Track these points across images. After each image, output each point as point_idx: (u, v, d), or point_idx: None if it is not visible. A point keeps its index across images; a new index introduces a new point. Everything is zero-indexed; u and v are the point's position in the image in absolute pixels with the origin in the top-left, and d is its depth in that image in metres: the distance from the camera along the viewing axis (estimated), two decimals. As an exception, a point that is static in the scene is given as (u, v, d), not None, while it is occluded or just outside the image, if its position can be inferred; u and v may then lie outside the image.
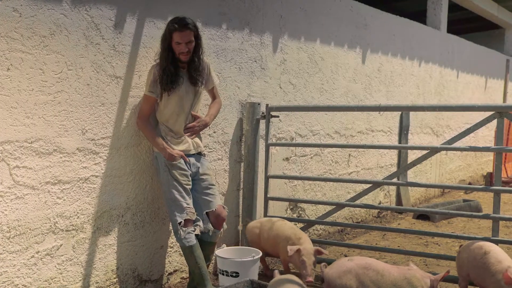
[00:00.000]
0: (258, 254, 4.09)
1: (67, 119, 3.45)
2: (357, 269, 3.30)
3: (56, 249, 3.47)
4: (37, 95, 3.27)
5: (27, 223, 3.29)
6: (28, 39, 3.20)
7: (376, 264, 3.35)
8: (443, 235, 4.59)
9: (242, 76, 4.82)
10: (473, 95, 9.90)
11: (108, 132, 3.72)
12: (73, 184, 3.53)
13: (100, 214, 3.72)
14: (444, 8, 8.49)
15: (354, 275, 3.28)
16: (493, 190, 4.08)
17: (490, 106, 4.14)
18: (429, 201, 8.35)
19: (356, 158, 6.50)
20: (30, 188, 3.29)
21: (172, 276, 4.32)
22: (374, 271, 3.27)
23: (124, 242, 3.91)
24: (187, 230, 3.79)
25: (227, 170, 4.75)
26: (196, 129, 3.97)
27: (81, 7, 3.47)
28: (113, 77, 3.72)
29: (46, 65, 3.30)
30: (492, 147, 4.26)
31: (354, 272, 3.29)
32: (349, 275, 3.29)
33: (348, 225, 5.44)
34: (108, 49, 3.66)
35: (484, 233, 5.93)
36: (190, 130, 3.94)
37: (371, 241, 5.76)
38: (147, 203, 4.05)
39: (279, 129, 5.26)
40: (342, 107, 5.47)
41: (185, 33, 3.69)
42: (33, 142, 3.27)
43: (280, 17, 5.20)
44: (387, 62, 7.01)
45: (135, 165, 3.93)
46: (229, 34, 4.64)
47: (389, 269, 3.32)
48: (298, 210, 5.61)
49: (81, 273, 3.64)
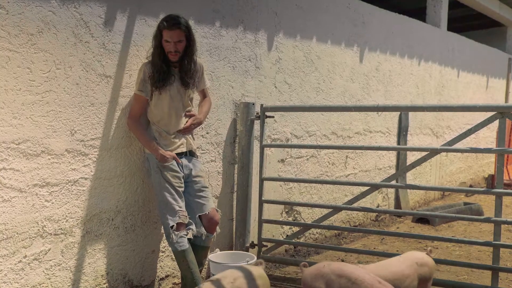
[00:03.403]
0: (253, 259, 4.11)
1: (56, 119, 3.47)
2: (330, 275, 3.35)
3: (44, 253, 3.48)
4: (24, 94, 3.28)
5: (14, 227, 3.30)
6: (15, 37, 3.21)
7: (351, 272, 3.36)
8: (443, 239, 4.61)
9: (236, 75, 4.84)
10: (474, 95, 9.96)
11: (97, 133, 3.74)
12: (61, 186, 3.54)
13: (90, 218, 3.74)
14: (444, 5, 8.54)
15: (325, 281, 3.34)
16: (495, 192, 4.11)
17: (491, 106, 4.17)
18: (428, 204, 8.40)
19: (354, 160, 6.54)
20: (18, 191, 3.30)
21: (164, 281, 4.34)
22: (346, 279, 3.31)
23: (114, 246, 3.93)
24: (179, 234, 3.81)
25: (220, 172, 4.77)
26: (191, 126, 4.01)
27: (70, 4, 3.49)
28: (103, 76, 3.74)
29: (34, 64, 3.32)
30: (493, 148, 4.29)
31: (327, 277, 3.34)
32: (320, 280, 3.35)
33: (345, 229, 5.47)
34: (98, 47, 3.68)
35: (486, 237, 5.98)
36: (186, 130, 3.97)
37: (369, 246, 5.79)
38: (138, 206, 4.07)
39: (274, 129, 5.29)
40: (339, 107, 5.50)
41: (174, 32, 3.72)
42: (20, 143, 3.29)
43: (275, 14, 5.23)
44: (385, 61, 7.05)
45: (125, 167, 3.95)
46: (223, 32, 4.66)
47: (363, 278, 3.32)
48: (293, 214, 5.64)
49: (70, 279, 3.65)
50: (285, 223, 5.43)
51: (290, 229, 5.55)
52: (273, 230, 5.36)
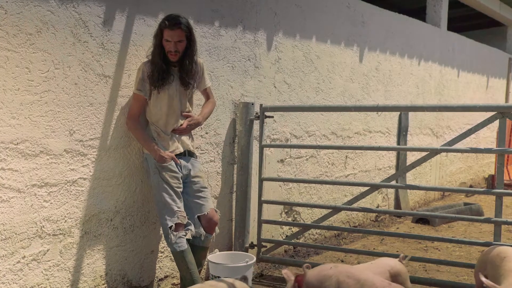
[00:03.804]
0: (252, 260, 4.12)
1: (54, 119, 3.47)
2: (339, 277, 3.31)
3: (42, 254, 3.48)
4: (23, 94, 3.29)
5: (13, 227, 3.31)
6: (14, 37, 3.22)
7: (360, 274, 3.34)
8: (443, 239, 4.62)
9: (235, 75, 4.85)
10: (474, 94, 9.97)
11: (96, 133, 3.74)
12: (60, 187, 3.55)
13: (89, 218, 3.74)
14: (444, 5, 8.55)
15: (334, 282, 3.30)
16: (495, 193, 4.12)
17: (492, 106, 4.18)
18: (428, 204, 8.41)
19: (353, 160, 6.54)
20: (16, 191, 3.31)
21: (163, 282, 4.35)
22: (355, 281, 3.28)
23: (113, 247, 3.93)
24: (178, 235, 3.81)
25: (219, 173, 4.78)
26: (187, 128, 4.00)
27: (69, 4, 3.49)
28: (102, 76, 3.74)
29: (33, 63, 3.32)
30: (494, 148, 4.30)
31: (335, 279, 3.30)
32: (328, 281, 3.31)
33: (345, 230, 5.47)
34: (97, 47, 3.69)
35: (486, 238, 5.98)
36: (181, 129, 3.96)
37: (369, 246, 5.80)
38: (137, 206, 4.07)
39: (274, 130, 5.30)
40: (338, 107, 5.51)
41: (175, 32, 3.72)
42: (19, 143, 3.29)
43: (275, 14, 5.23)
44: (385, 60, 7.06)
45: (124, 167, 3.95)
46: (222, 31, 4.67)
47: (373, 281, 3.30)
48: (293, 214, 5.64)
49: (69, 279, 3.66)
50: (285, 224, 5.43)
51: (289, 230, 5.56)
52: (273, 230, 5.37)
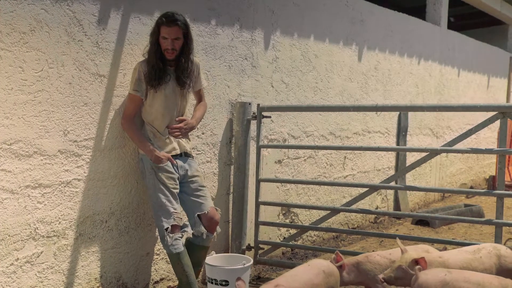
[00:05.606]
0: (249, 262, 4.13)
1: (48, 119, 3.48)
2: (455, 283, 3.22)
3: (36, 256, 3.49)
4: (16, 94, 3.29)
5: (6, 229, 3.31)
6: (7, 35, 3.22)
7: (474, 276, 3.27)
8: (443, 241, 4.61)
9: (232, 74, 4.86)
10: (475, 94, 10.00)
11: (91, 134, 3.75)
12: (54, 188, 3.55)
13: (83, 220, 3.75)
14: (444, 3, 8.57)
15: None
16: (496, 194, 4.13)
17: (492, 106, 4.20)
18: (428, 206, 8.42)
19: (352, 161, 6.56)
20: (9, 192, 3.31)
21: (159, 284, 4.36)
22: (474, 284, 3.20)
23: (108, 249, 3.94)
24: (174, 237, 3.82)
25: (216, 173, 4.79)
26: (182, 131, 4.01)
27: (63, 2, 3.50)
28: (97, 75, 3.75)
29: (26, 63, 3.33)
30: (494, 149, 4.30)
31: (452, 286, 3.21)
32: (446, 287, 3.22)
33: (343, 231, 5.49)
34: (91, 46, 3.69)
35: (487, 240, 5.99)
36: (177, 131, 3.97)
37: (368, 248, 5.81)
38: (132, 208, 4.08)
39: (271, 130, 5.31)
40: (337, 107, 5.52)
41: (172, 29, 3.73)
42: (12, 143, 3.30)
43: (272, 12, 5.25)
44: (384, 59, 7.08)
45: (119, 168, 3.96)
46: (219, 30, 4.68)
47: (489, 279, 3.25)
48: (291, 215, 5.66)
49: (63, 282, 3.66)
50: (282, 225, 5.44)
51: (287, 232, 5.57)
52: (270, 232, 5.38)
